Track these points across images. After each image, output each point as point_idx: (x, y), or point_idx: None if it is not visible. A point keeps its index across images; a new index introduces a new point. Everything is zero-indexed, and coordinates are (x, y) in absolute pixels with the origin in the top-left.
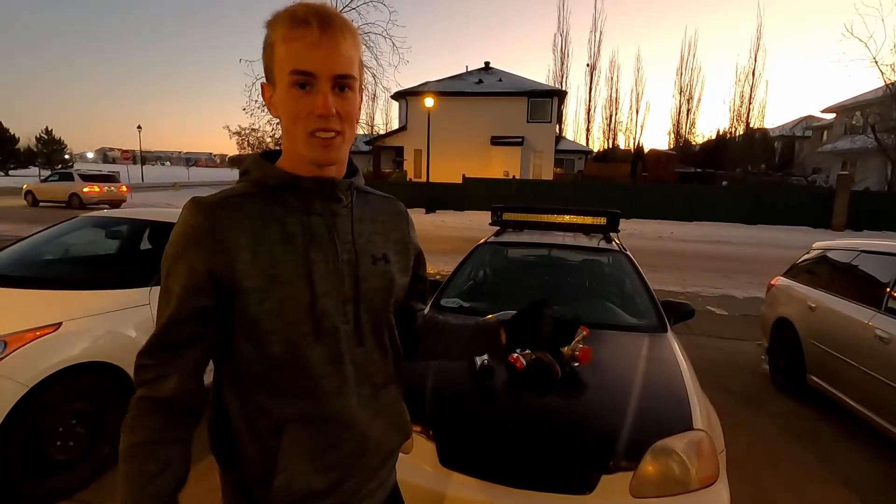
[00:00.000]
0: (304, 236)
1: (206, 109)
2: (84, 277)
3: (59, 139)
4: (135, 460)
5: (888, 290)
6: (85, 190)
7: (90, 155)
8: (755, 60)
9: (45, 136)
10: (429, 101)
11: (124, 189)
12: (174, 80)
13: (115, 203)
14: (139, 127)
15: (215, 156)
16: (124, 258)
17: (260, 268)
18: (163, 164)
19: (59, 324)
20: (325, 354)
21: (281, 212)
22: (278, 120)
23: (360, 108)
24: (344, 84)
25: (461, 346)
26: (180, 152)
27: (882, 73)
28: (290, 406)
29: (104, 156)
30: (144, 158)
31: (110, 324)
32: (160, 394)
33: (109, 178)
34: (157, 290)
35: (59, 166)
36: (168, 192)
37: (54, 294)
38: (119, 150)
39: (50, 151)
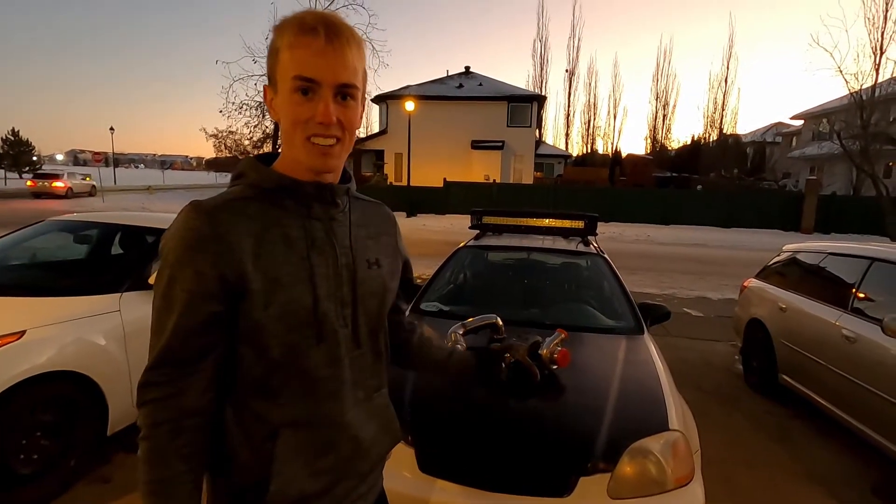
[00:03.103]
0: (305, 240)
1: (183, 111)
2: (50, 283)
3: (27, 140)
4: (164, 499)
5: (854, 290)
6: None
7: (60, 157)
8: (728, 68)
9: (12, 138)
10: (409, 105)
11: (59, 185)
12: (149, 81)
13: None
14: (112, 128)
15: (191, 158)
16: (93, 263)
17: (263, 272)
18: (136, 167)
19: (23, 332)
20: (324, 358)
21: (281, 215)
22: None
23: (360, 118)
24: (346, 93)
25: (442, 371)
26: (155, 155)
27: (846, 82)
28: (286, 410)
29: (75, 158)
30: (117, 161)
31: (78, 331)
32: (175, 413)
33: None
34: (129, 296)
35: (27, 168)
36: (142, 195)
37: (18, 301)
38: (90, 151)
39: (17, 153)
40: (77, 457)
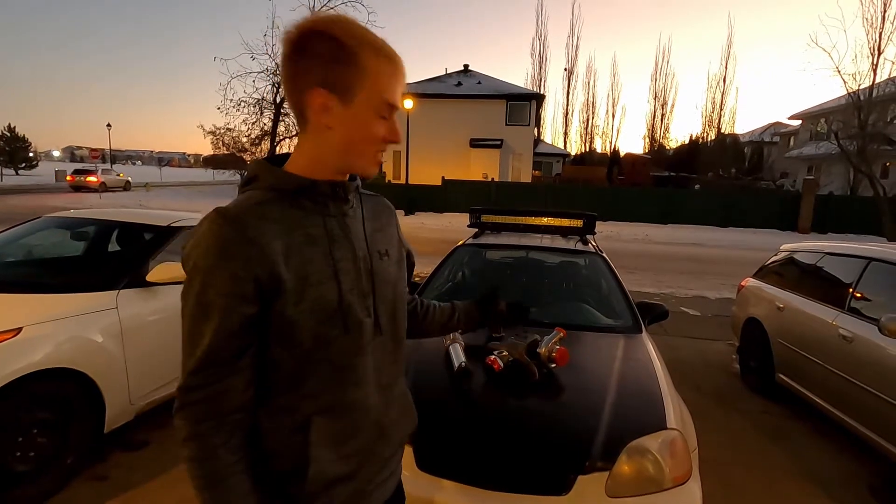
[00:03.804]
0: (326, 238)
1: (180, 108)
2: (47, 280)
3: (23, 137)
4: (221, 491)
5: (851, 290)
6: None
7: (56, 153)
8: (726, 68)
9: (8, 134)
10: (408, 103)
11: (92, 179)
12: (146, 77)
13: None
14: (109, 125)
15: (189, 155)
16: (91, 260)
17: (294, 271)
18: (134, 164)
19: (19, 329)
20: (350, 347)
21: (300, 215)
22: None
23: None
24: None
25: (453, 324)
26: (152, 152)
27: (844, 82)
28: (317, 399)
29: (71, 154)
30: (115, 157)
31: (75, 328)
32: (219, 412)
33: None
34: (126, 293)
35: (23, 165)
36: (139, 192)
37: (14, 298)
38: (87, 148)
39: (13, 149)
40: (74, 455)
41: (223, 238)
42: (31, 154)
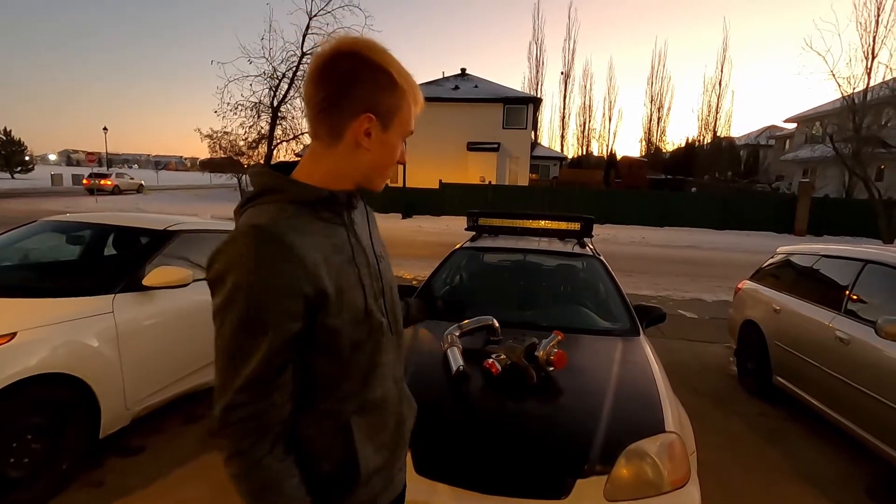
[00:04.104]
0: (348, 245)
1: (177, 112)
2: (42, 284)
3: (19, 140)
4: (275, 498)
5: (847, 292)
6: None
7: (52, 157)
8: (722, 71)
9: (4, 137)
10: None
11: (106, 182)
12: (143, 81)
13: None
14: (105, 129)
15: (186, 159)
16: (87, 264)
17: (333, 282)
18: (130, 167)
19: (14, 333)
20: (374, 348)
21: (323, 226)
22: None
23: None
24: None
25: (408, 319)
26: (149, 155)
27: (839, 86)
28: (352, 401)
29: (68, 158)
30: (111, 161)
31: (70, 333)
32: (265, 426)
33: None
34: (122, 297)
35: (19, 169)
36: (136, 195)
37: (9, 302)
38: (84, 152)
39: (9, 153)
40: (69, 460)
41: (267, 256)
42: (27, 158)
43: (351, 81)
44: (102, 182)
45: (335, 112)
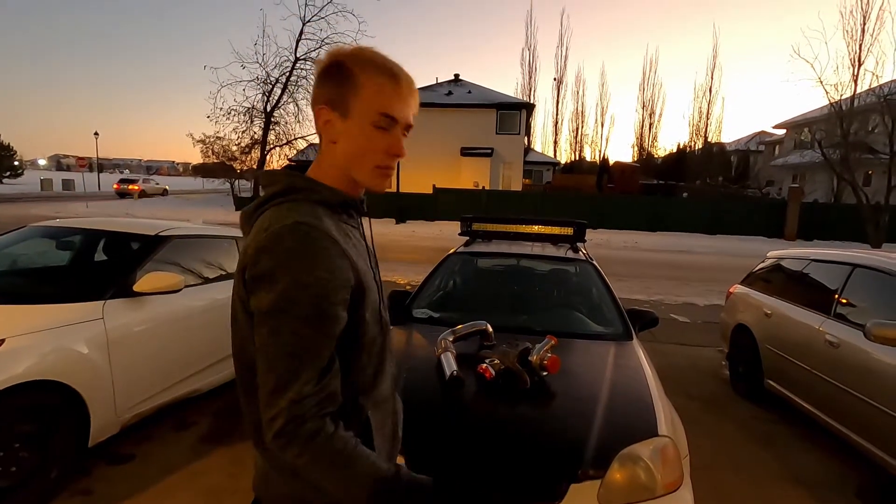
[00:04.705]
0: (364, 246)
1: (169, 117)
2: (31, 291)
3: (8, 145)
4: (355, 459)
5: (836, 296)
6: None
7: (42, 162)
8: (712, 78)
9: None
10: None
11: (133, 187)
12: (135, 85)
13: None
14: (96, 133)
15: (178, 164)
16: (76, 270)
17: (363, 278)
18: (122, 172)
19: (2, 340)
20: (383, 343)
21: (346, 227)
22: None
23: None
24: (407, 132)
25: None
26: (141, 160)
27: (827, 93)
28: (368, 396)
29: (58, 163)
30: (102, 166)
31: (59, 340)
32: (331, 410)
33: None
34: (112, 303)
35: (8, 174)
36: (127, 200)
37: None
38: (74, 157)
39: None
40: (58, 468)
41: (323, 250)
42: (16, 163)
43: (315, 85)
44: (131, 187)
45: (314, 113)
